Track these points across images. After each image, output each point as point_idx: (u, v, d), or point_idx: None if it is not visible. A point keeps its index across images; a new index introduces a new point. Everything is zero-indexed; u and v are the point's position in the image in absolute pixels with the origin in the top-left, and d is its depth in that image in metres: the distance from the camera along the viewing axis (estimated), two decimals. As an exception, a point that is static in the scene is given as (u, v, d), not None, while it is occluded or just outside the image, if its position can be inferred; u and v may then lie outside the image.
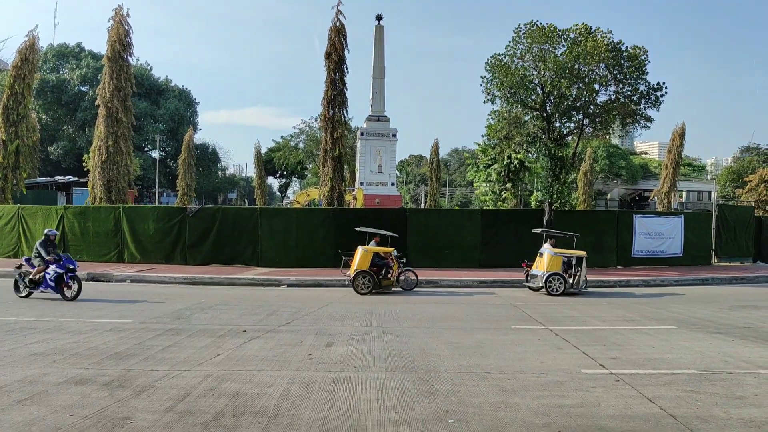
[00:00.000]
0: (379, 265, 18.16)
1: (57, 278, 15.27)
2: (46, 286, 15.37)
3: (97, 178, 27.75)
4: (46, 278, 15.32)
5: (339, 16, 27.86)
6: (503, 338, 11.12)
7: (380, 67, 50.96)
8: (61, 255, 15.68)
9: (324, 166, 28.11)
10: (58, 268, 15.30)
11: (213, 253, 24.04)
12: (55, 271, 15.29)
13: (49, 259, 15.48)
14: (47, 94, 71.84)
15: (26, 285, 15.65)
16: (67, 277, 15.30)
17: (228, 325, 12.11)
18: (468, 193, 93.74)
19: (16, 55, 29.24)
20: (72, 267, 15.45)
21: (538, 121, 24.27)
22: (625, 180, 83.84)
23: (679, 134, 52.28)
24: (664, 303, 16.40)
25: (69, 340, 10.34)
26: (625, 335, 11.49)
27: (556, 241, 19.01)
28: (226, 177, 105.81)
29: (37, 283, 15.53)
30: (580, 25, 23.36)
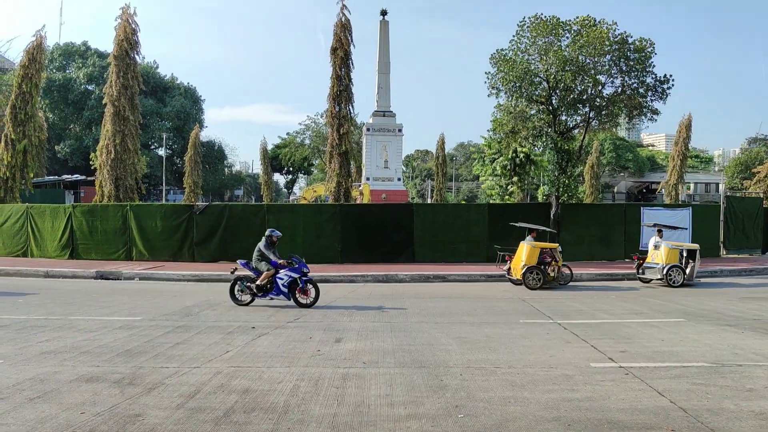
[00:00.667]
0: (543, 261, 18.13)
1: (291, 283, 14.08)
2: (277, 292, 14.04)
3: (104, 176, 27.87)
4: (278, 284, 14.00)
5: (344, 11, 27.84)
6: (512, 332, 11.12)
7: (385, 63, 50.93)
8: (293, 258, 14.37)
9: (330, 162, 28.12)
10: (292, 272, 14.05)
11: (220, 250, 24.10)
12: (289, 276, 14.02)
13: (281, 263, 14.13)
14: (54, 93, 72.15)
15: (249, 291, 14.20)
16: (302, 282, 14.06)
17: (236, 321, 12.16)
18: (474, 188, 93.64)
19: (23, 55, 29.34)
20: (306, 271, 14.22)
21: (544, 114, 24.22)
22: (632, 172, 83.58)
23: (685, 126, 52.10)
24: (673, 296, 16.35)
25: (79, 338, 10.40)
26: (634, 328, 11.46)
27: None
28: (232, 174, 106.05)
29: (265, 290, 14.15)
30: (583, 16, 23.26)
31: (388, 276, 20.13)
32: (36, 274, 20.90)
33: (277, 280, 14.12)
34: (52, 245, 25.02)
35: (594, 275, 20.67)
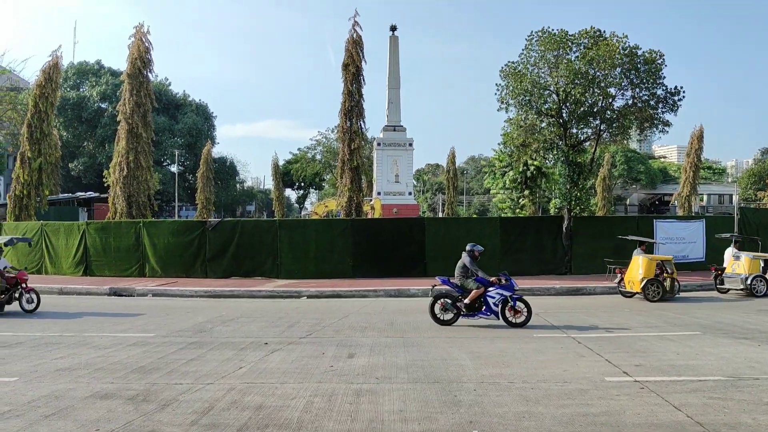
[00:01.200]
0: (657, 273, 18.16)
1: (503, 302, 13.47)
2: (488, 311, 13.43)
3: (117, 193, 28.10)
4: (489, 303, 13.39)
5: (356, 27, 28.01)
6: (525, 346, 11.06)
7: (395, 78, 51.16)
8: (502, 275, 13.77)
9: (342, 177, 28.20)
10: (504, 290, 13.44)
11: (233, 266, 24.18)
12: (501, 294, 13.42)
13: (492, 280, 13.56)
14: (68, 111, 72.95)
15: (454, 309, 13.58)
16: (513, 300, 13.41)
17: (249, 337, 12.18)
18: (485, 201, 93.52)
19: (40, 75, 29.73)
20: (516, 288, 13.77)
21: (555, 127, 24.20)
22: (644, 185, 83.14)
23: (697, 137, 51.83)
24: (688, 308, 16.20)
25: (93, 355, 10.46)
26: (649, 342, 11.37)
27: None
28: (244, 190, 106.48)
29: (473, 309, 13.55)
30: (590, 29, 23.30)
31: (400, 291, 20.09)
32: (50, 291, 21.00)
33: (487, 299, 13.46)
34: (66, 262, 25.22)
35: (607, 288, 20.51)
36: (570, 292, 20.24)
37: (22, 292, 16.29)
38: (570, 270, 24.24)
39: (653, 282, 17.74)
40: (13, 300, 16.27)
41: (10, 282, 16.24)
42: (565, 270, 24.23)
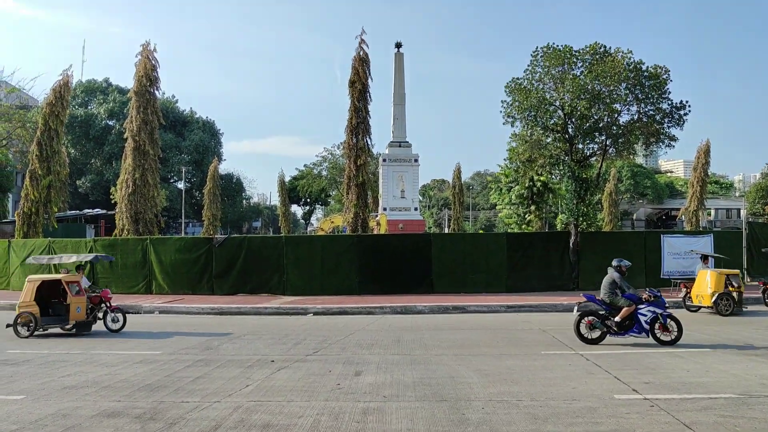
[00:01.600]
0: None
1: (652, 320, 13.00)
2: (639, 329, 12.88)
3: (124, 210, 28.21)
4: (641, 320, 12.87)
5: (362, 45, 28.19)
6: (533, 364, 10.99)
7: (400, 94, 51.41)
8: (649, 291, 13.39)
9: (348, 193, 28.25)
10: (656, 308, 12.98)
11: (239, 283, 24.18)
12: (652, 312, 12.95)
13: (646, 297, 13.03)
14: (76, 128, 73.52)
15: (603, 327, 13.04)
16: (664, 318, 12.96)
17: (256, 355, 12.14)
18: (492, 216, 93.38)
19: (50, 93, 29.99)
20: (666, 305, 13.37)
21: (560, 143, 24.21)
22: (651, 199, 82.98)
23: (704, 152, 51.74)
24: (697, 325, 16.07)
25: (100, 373, 10.45)
26: (658, 358, 11.28)
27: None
28: (250, 206, 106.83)
29: (624, 327, 12.98)
30: (594, 44, 23.37)
31: (406, 307, 20.03)
32: (57, 309, 21.03)
33: (638, 317, 12.92)
34: (74, 279, 25.23)
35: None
36: (578, 308, 20.07)
37: (107, 310, 15.98)
38: (578, 286, 24.09)
39: (724, 296, 17.71)
40: (97, 319, 15.97)
41: (95, 301, 15.93)
42: (572, 286, 24.09)
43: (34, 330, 14.85)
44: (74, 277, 16.26)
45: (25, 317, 14.88)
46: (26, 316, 14.88)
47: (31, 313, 14.87)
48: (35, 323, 14.83)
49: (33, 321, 14.82)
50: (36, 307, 14.98)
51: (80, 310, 15.28)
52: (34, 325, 14.84)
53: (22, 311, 14.96)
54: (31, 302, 15.01)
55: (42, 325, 15.03)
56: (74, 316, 15.22)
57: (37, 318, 14.86)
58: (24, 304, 15.01)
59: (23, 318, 14.91)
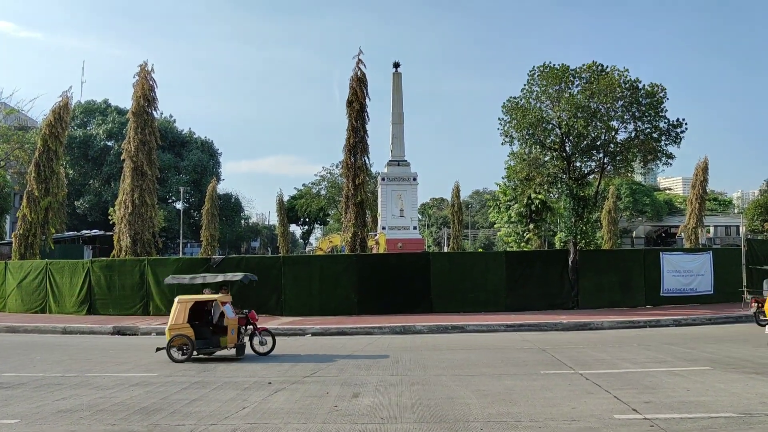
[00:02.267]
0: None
1: None
2: None
3: (122, 230, 28.16)
4: None
5: (360, 65, 28.33)
6: (533, 384, 10.90)
7: (399, 113, 51.59)
8: None
9: (346, 213, 28.24)
10: None
11: (237, 303, 23.87)
12: None
13: None
14: (74, 149, 73.66)
15: None
16: None
17: (253, 377, 12.04)
18: (491, 235, 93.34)
19: (49, 114, 30.08)
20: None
21: (558, 161, 24.27)
22: (650, 217, 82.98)
23: (702, 169, 51.88)
24: (697, 343, 15.99)
25: (95, 396, 10.34)
26: (658, 377, 11.19)
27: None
28: (249, 226, 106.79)
29: None
30: (591, 63, 23.52)
31: (405, 327, 19.93)
32: (54, 331, 20.94)
33: None
34: (71, 301, 25.12)
35: (615, 323, 20.32)
36: (577, 327, 20.02)
37: (255, 332, 15.24)
38: (577, 304, 24.03)
39: None
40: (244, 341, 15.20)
41: (241, 323, 15.14)
42: (572, 304, 24.01)
43: (191, 354, 14.09)
44: (227, 297, 15.55)
45: (180, 340, 14.12)
46: (181, 338, 14.12)
47: (187, 336, 14.14)
48: (191, 346, 14.11)
49: (189, 344, 14.10)
50: (190, 329, 14.25)
51: (234, 333, 14.61)
52: (190, 349, 14.09)
53: (177, 334, 14.08)
54: (184, 324, 14.22)
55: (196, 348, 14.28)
56: (230, 339, 14.52)
57: (192, 341, 14.12)
58: (177, 327, 14.18)
59: (178, 341, 14.13)
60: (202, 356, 14.51)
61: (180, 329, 14.20)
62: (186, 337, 14.13)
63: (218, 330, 14.66)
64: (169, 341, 14.17)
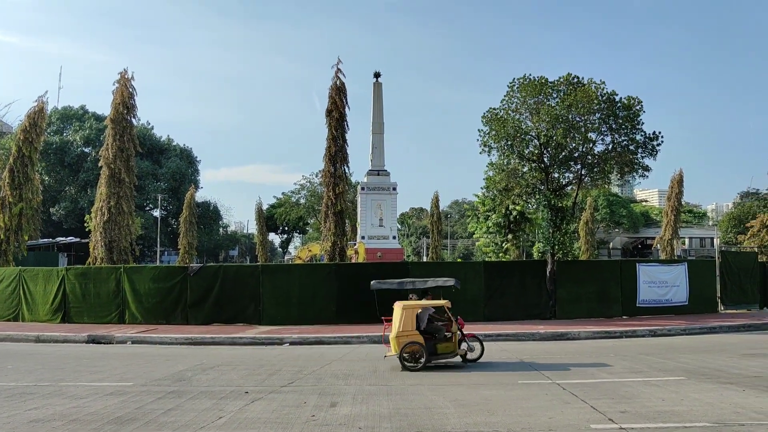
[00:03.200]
0: None
1: None
2: None
3: (98, 238, 27.81)
4: None
5: (339, 75, 28.41)
6: (510, 393, 10.93)
7: (379, 123, 51.75)
8: None
9: (326, 222, 28.19)
10: None
11: (214, 312, 23.83)
12: None
13: None
14: (50, 156, 72.74)
15: None
16: None
17: (230, 386, 11.93)
18: (470, 245, 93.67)
19: (24, 119, 29.65)
20: None
21: (536, 172, 24.47)
22: (627, 228, 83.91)
23: (677, 181, 52.67)
24: (672, 353, 16.16)
25: (69, 405, 10.18)
26: (634, 387, 11.29)
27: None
28: (227, 234, 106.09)
29: None
30: (567, 75, 23.78)
31: (384, 336, 19.84)
32: (27, 339, 20.57)
33: None
34: (44, 309, 24.71)
35: (591, 333, 20.47)
36: (555, 337, 20.14)
37: (463, 338, 14.67)
38: (555, 315, 24.18)
39: None
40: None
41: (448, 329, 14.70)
42: (549, 315, 24.17)
43: (425, 362, 13.73)
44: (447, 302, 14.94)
45: (413, 348, 13.77)
46: (414, 346, 13.76)
47: (419, 343, 13.81)
48: (424, 354, 13.75)
49: (421, 351, 13.76)
50: (420, 336, 13.97)
51: (456, 339, 14.31)
52: (424, 356, 13.74)
53: (409, 341, 13.74)
54: (413, 331, 13.92)
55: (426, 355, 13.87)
56: (453, 346, 14.23)
57: (424, 348, 13.77)
58: (406, 333, 13.82)
59: (410, 348, 13.76)
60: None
61: (410, 336, 13.86)
62: (419, 345, 13.84)
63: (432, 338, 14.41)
64: (402, 349, 13.83)
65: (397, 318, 14.15)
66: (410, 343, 13.78)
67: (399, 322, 13.96)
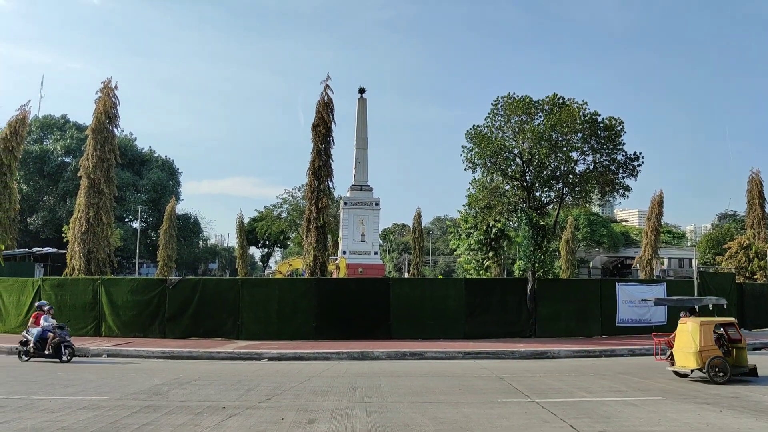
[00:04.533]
0: None
1: None
2: None
3: (76, 249, 27.44)
4: None
5: (327, 90, 28.40)
6: (490, 412, 10.88)
7: (363, 138, 51.86)
8: None
9: (307, 236, 28.04)
10: None
11: (193, 326, 23.56)
12: None
13: None
14: (30, 164, 71.78)
15: None
16: None
17: (206, 401, 11.76)
18: (451, 262, 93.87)
19: (5, 127, 29.27)
20: None
21: (519, 190, 24.61)
22: (607, 248, 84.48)
23: (657, 202, 53.16)
24: (651, 373, 16.22)
25: (41, 419, 9.96)
26: (612, 407, 11.30)
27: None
28: (207, 247, 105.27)
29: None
30: (552, 95, 24.03)
31: (363, 353, 19.77)
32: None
33: None
34: (17, 320, 24.24)
35: (571, 352, 20.52)
36: (535, 356, 20.15)
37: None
38: (534, 333, 24.24)
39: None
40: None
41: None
42: (529, 333, 24.21)
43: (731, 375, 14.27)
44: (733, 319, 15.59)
45: (717, 362, 14.26)
46: (717, 360, 14.27)
47: (721, 357, 14.36)
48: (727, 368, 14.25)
49: (725, 365, 14.26)
50: (719, 350, 14.56)
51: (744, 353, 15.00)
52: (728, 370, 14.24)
53: (713, 356, 14.28)
54: (713, 346, 14.48)
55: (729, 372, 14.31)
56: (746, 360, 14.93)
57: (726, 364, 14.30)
58: (707, 348, 14.34)
59: (715, 362, 14.23)
60: None
61: (712, 350, 14.38)
62: (721, 359, 14.35)
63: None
64: (708, 363, 14.22)
65: (688, 333, 14.66)
66: (715, 358, 14.32)
67: (698, 337, 14.41)
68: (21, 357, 18.45)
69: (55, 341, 17.99)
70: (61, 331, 18.28)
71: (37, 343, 18.09)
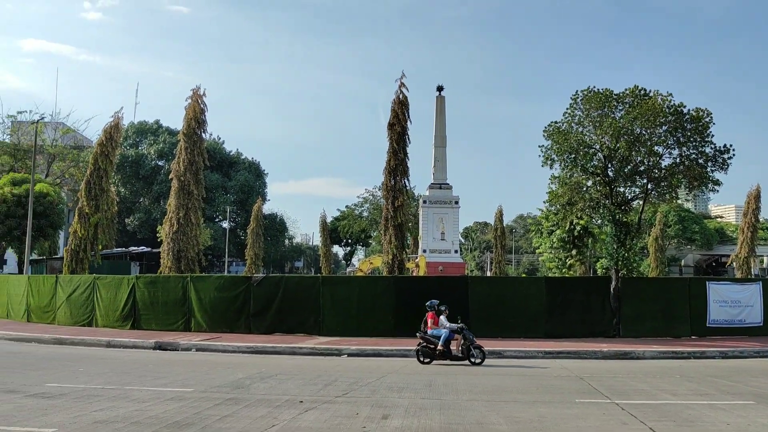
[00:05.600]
0: None
1: None
2: None
3: (167, 248, 28.86)
4: None
5: (402, 89, 28.66)
6: (566, 412, 10.70)
7: (441, 136, 51.72)
8: None
9: (386, 234, 28.35)
10: None
11: (276, 322, 24.28)
12: None
13: None
14: (126, 168, 76.02)
15: None
16: None
17: (285, 395, 12.14)
18: (534, 260, 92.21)
19: (101, 134, 31.24)
20: None
21: (600, 186, 23.94)
22: (700, 245, 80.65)
23: (754, 197, 50.51)
24: (743, 376, 15.45)
25: (131, 408, 10.58)
26: (698, 410, 10.86)
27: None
28: (293, 246, 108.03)
29: None
30: (633, 87, 23.21)
31: (441, 350, 19.75)
32: (98, 344, 21.51)
33: None
34: (115, 315, 25.73)
35: (657, 353, 19.80)
36: (618, 356, 19.57)
37: None
38: (619, 333, 23.49)
39: None
40: None
41: None
42: (613, 332, 23.49)
43: None
44: None
45: None
46: None
47: None
48: None
49: None
50: None
51: None
52: None
53: None
54: None
55: None
56: None
57: None
58: None
59: None
60: None
61: None
62: None
63: None
64: None
65: None
66: None
67: None
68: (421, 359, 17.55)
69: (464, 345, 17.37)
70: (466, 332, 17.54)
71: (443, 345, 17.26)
